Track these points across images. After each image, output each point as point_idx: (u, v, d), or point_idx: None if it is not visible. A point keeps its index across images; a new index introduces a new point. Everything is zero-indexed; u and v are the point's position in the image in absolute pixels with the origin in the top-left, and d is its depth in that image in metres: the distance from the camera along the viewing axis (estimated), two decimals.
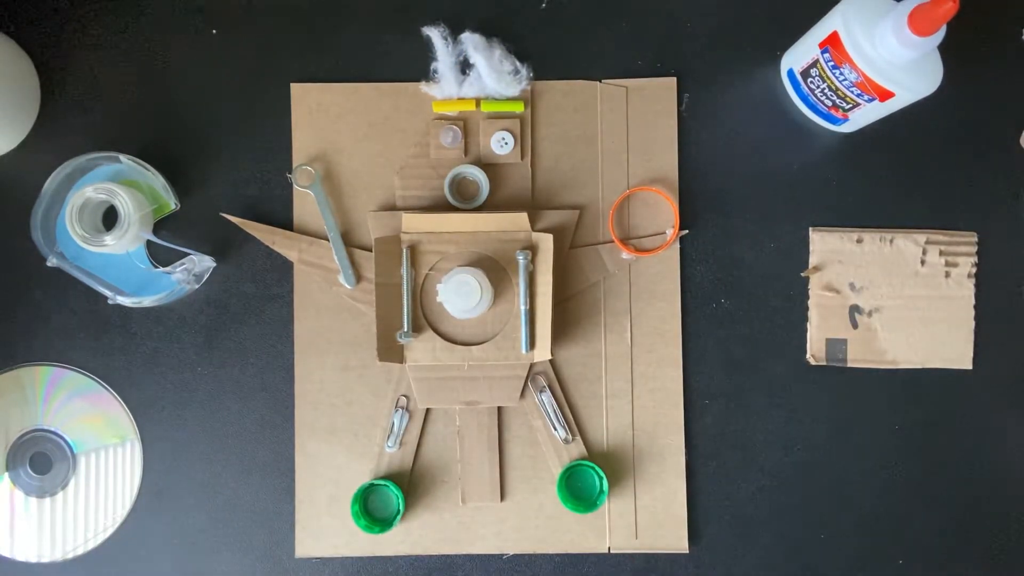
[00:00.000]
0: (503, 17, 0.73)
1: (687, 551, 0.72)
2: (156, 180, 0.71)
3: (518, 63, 0.72)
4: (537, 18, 0.73)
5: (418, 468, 0.72)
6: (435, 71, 0.72)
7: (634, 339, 0.72)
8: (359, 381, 0.72)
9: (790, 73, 0.71)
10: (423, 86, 0.72)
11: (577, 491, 0.72)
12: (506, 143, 0.72)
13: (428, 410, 0.72)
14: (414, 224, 0.70)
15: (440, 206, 0.72)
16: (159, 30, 0.73)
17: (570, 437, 0.72)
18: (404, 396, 0.72)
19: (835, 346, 0.72)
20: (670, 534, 0.72)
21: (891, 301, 0.73)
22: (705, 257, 0.73)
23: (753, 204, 0.73)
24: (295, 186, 0.72)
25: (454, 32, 0.72)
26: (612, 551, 0.72)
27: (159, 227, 0.72)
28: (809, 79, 0.69)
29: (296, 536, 0.72)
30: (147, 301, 0.70)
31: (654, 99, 0.73)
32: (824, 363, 0.72)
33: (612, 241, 0.72)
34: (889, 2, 0.63)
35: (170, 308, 0.72)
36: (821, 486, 0.72)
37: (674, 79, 0.73)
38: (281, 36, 0.73)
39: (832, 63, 0.65)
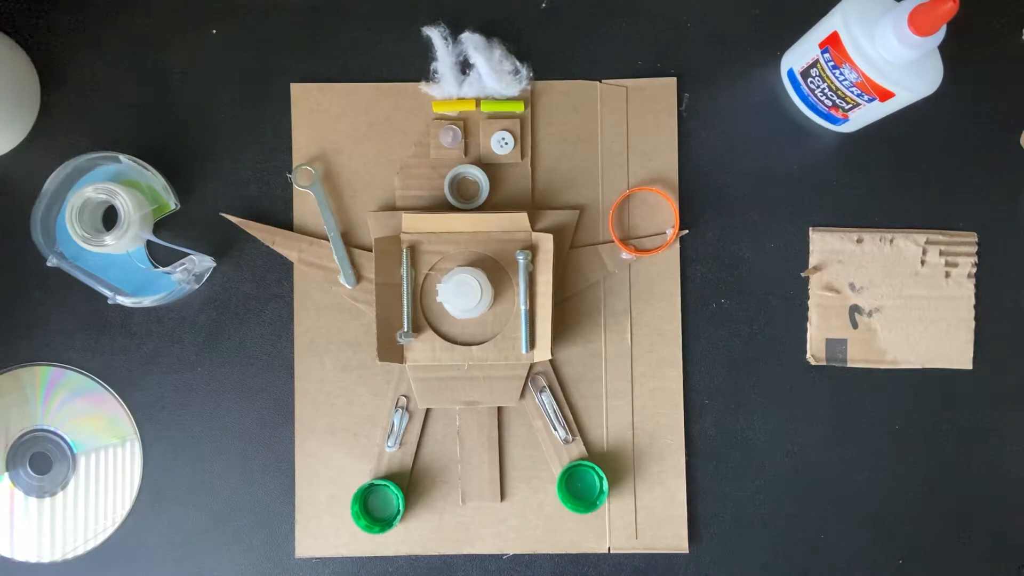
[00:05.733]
0: (503, 17, 0.73)
1: (687, 551, 0.72)
2: (156, 180, 0.71)
3: (518, 63, 0.72)
4: (537, 18, 0.73)
5: (418, 468, 0.72)
6: (435, 71, 0.72)
7: (634, 339, 0.72)
8: (359, 381, 0.72)
9: (790, 73, 0.71)
10: (423, 86, 0.72)
11: (577, 491, 0.72)
12: (506, 143, 0.72)
13: (428, 410, 0.72)
14: (414, 224, 0.70)
15: (440, 206, 0.72)
16: (159, 30, 0.73)
17: (570, 437, 0.72)
18: (404, 396, 0.72)
19: (835, 346, 0.72)
20: (670, 534, 0.72)
21: (891, 301, 0.73)
22: (705, 257, 0.73)
23: (753, 204, 0.73)
24: (295, 186, 0.72)
25: (454, 32, 0.72)
26: (612, 551, 0.72)
27: (159, 227, 0.72)
28: (809, 79, 0.69)
29: (296, 536, 0.72)
30: (147, 301, 0.70)
31: (654, 99, 0.73)
32: (824, 363, 0.72)
33: (612, 241, 0.72)
34: (889, 2, 0.63)
35: (170, 308, 0.72)
36: (821, 486, 0.72)
37: (674, 79, 0.73)
38: (281, 36, 0.73)
39: (832, 63, 0.65)
